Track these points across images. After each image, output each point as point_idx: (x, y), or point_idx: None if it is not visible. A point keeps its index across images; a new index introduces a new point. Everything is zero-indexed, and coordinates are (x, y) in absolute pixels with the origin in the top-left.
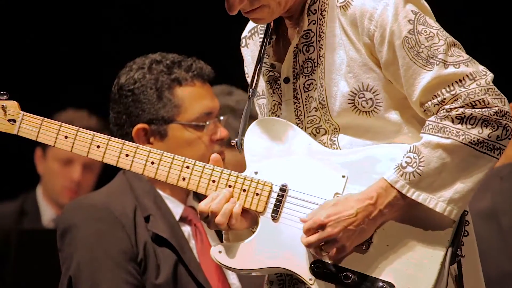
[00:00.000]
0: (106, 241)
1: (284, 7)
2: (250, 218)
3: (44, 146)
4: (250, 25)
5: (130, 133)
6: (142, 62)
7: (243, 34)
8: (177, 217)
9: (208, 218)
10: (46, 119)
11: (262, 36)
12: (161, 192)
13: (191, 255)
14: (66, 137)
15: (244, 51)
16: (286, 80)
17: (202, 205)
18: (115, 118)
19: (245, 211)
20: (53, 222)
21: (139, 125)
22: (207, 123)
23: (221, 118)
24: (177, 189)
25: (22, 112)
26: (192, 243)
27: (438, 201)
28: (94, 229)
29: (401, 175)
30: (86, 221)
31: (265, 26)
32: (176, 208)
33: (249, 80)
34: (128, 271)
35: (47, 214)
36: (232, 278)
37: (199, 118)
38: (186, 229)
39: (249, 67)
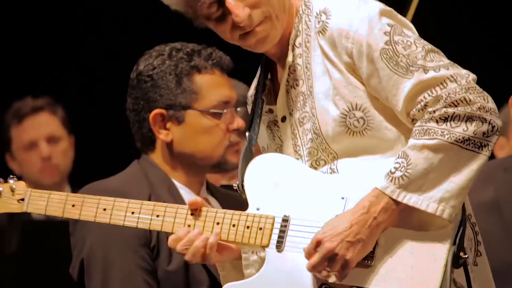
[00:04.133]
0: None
1: (282, 24)
2: (227, 251)
3: (9, 148)
4: (254, 83)
5: (147, 119)
6: (162, 49)
7: (249, 93)
8: None
9: None
10: (52, 192)
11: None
12: (175, 182)
13: None
14: (73, 205)
15: (249, 108)
16: (283, 119)
17: (170, 242)
18: (133, 104)
19: (221, 245)
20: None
21: (157, 110)
22: (225, 111)
23: (238, 109)
24: (191, 180)
25: (30, 189)
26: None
27: (429, 202)
28: None
29: (391, 181)
30: None
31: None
32: (190, 198)
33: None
34: (141, 256)
35: None
36: None
37: (216, 106)
38: None
39: None
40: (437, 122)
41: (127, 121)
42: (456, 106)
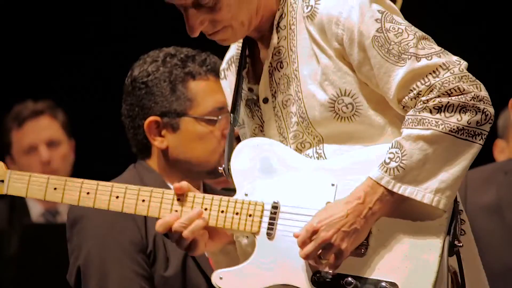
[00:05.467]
0: (116, 231)
1: (248, 26)
2: (219, 237)
3: (9, 151)
4: (227, 56)
5: (142, 126)
6: (156, 55)
7: (221, 67)
8: None
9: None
10: (33, 174)
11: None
12: (171, 186)
13: None
14: (55, 188)
15: (223, 83)
16: (265, 100)
17: (158, 226)
18: (128, 110)
19: (213, 233)
20: (42, 217)
21: (152, 118)
22: (219, 117)
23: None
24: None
25: (10, 170)
26: None
27: (425, 193)
28: (105, 220)
29: (385, 171)
30: (97, 211)
31: (240, 52)
32: None
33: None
34: (137, 262)
35: (35, 209)
36: None
37: (211, 113)
38: None
39: (228, 98)
40: (430, 111)
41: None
42: (449, 95)
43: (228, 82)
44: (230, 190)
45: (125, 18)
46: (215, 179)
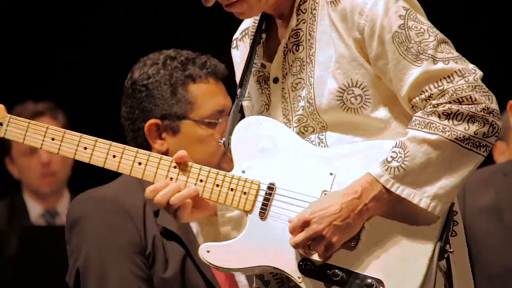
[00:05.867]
0: (115, 233)
1: (265, 2)
2: (204, 207)
3: (9, 151)
4: (242, 27)
5: (142, 128)
6: (156, 57)
7: (235, 36)
8: None
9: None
10: (32, 121)
11: (252, 37)
12: None
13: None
14: (52, 139)
15: (234, 52)
16: (275, 80)
17: (148, 192)
18: (127, 113)
19: (200, 202)
20: (41, 218)
21: (152, 120)
22: (219, 120)
23: None
24: None
25: (9, 115)
26: (200, 239)
27: (422, 197)
28: (104, 221)
29: (386, 169)
30: (96, 213)
31: (256, 26)
32: None
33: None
34: (136, 264)
35: (34, 210)
36: (239, 275)
37: (211, 116)
38: (194, 226)
39: (237, 68)
40: (439, 117)
41: None
42: (460, 103)
43: (239, 53)
44: None
45: (125, 18)
46: None
